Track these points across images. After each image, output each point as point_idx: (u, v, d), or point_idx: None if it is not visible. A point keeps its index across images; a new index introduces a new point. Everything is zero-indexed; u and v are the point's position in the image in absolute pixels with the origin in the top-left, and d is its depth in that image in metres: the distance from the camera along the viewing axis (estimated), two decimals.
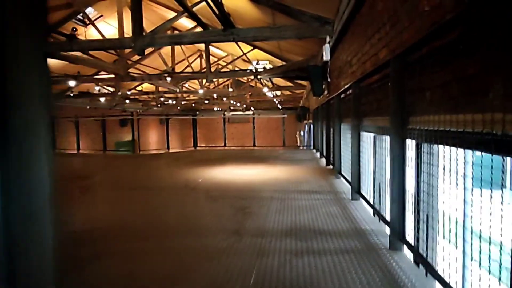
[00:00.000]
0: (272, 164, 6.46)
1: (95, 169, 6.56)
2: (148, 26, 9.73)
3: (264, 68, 8.19)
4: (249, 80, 11.11)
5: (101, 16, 9.21)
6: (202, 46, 9.28)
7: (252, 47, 7.97)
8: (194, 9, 4.92)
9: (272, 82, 11.15)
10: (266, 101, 16.60)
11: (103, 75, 9.17)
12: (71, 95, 12.23)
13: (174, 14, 6.92)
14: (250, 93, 13.04)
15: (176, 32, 8.90)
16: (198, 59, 11.79)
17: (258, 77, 8.29)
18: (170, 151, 9.07)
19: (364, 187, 3.48)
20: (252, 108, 20.81)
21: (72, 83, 8.72)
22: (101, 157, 8.43)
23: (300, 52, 6.94)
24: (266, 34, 4.28)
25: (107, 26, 9.20)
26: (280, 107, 20.63)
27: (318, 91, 5.28)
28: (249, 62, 9.35)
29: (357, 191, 3.54)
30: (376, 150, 2.87)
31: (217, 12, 3.93)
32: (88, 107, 15.16)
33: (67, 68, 9.14)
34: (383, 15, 2.49)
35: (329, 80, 4.74)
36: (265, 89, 10.77)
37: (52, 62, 8.63)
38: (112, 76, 8.62)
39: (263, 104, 19.64)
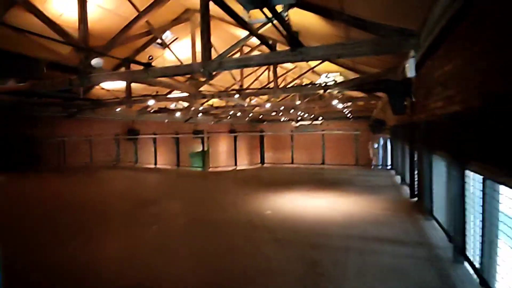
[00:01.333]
0: (345, 192, 5.64)
1: (165, 191, 6.63)
2: (218, 42, 10.09)
3: (335, 81, 7.68)
4: (317, 92, 10.64)
5: (176, 38, 9.86)
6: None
7: (321, 60, 7.57)
8: (260, 31, 4.81)
9: (343, 94, 10.52)
10: (336, 111, 15.87)
11: (177, 94, 9.74)
12: (151, 111, 13.42)
13: (243, 30, 6.95)
14: (318, 106, 12.63)
15: (243, 48, 9.03)
16: (266, 71, 11.85)
17: (328, 91, 7.84)
18: (238, 167, 8.96)
19: (470, 244, 2.63)
20: (321, 118, 20.18)
21: (151, 102, 9.46)
22: (174, 174, 8.75)
23: (376, 64, 6.30)
24: (338, 52, 3.88)
25: (182, 45, 9.82)
26: (350, 117, 19.59)
27: (399, 109, 4.63)
28: (318, 74, 8.94)
29: (460, 251, 2.66)
30: (486, 199, 2.22)
31: (284, 33, 3.70)
32: (166, 120, 16.55)
33: (147, 88, 10.00)
34: (496, 33, 1.92)
35: (413, 99, 4.09)
36: (335, 101, 10.21)
37: (134, 85, 9.54)
38: (185, 94, 9.09)
39: (332, 114, 18.89)
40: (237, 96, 8.79)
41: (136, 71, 5.17)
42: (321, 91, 8.09)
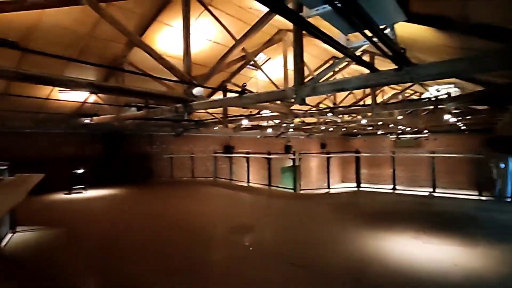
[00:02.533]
0: (469, 240, 4.22)
1: (258, 216, 6.42)
2: (309, 58, 9.86)
3: (448, 94, 6.52)
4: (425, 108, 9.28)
5: (269, 58, 10.08)
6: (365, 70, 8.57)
7: (435, 79, 6.53)
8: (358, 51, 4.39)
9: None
10: (447, 124, 13.69)
11: (269, 112, 9.89)
12: (244, 126, 14.03)
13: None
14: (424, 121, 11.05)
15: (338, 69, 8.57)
16: None
17: (439, 107, 6.70)
18: (331, 190, 8.39)
19: None
20: (426, 131, 17.81)
21: (245, 122, 9.85)
22: (266, 195, 8.69)
23: (504, 73, 5.08)
24: (458, 69, 3.17)
25: (275, 64, 10.00)
26: (465, 130, 16.63)
27: None
28: (426, 86, 7.81)
29: None
30: None
31: (389, 53, 3.23)
32: (258, 136, 17.13)
33: (242, 109, 10.49)
34: None
35: None
36: (447, 116, 8.73)
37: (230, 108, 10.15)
38: (277, 114, 9.14)
39: (441, 127, 16.41)
40: (330, 114, 8.37)
41: (231, 98, 5.36)
42: (431, 107, 6.99)
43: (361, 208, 6.67)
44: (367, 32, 2.68)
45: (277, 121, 13.47)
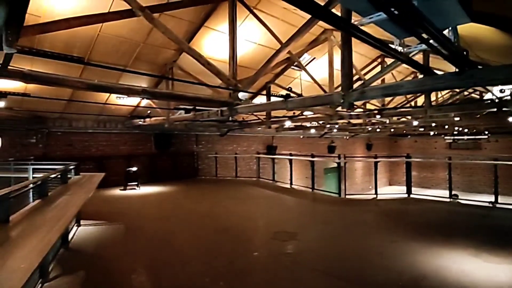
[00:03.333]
0: None
1: (302, 222, 6.18)
2: (358, 59, 9.49)
3: None
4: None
5: (314, 58, 9.90)
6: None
7: (502, 84, 5.90)
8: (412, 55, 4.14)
9: None
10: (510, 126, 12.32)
11: (312, 115, 9.73)
12: (287, 126, 13.95)
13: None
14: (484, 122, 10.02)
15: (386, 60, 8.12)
16: None
17: (504, 109, 6.03)
18: (378, 196, 8.01)
19: None
20: (487, 132, 16.26)
21: (288, 123, 9.80)
22: (310, 199, 8.50)
23: None
24: None
25: (320, 64, 9.81)
26: None
27: None
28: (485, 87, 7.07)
29: None
30: None
31: (449, 56, 2.99)
32: (301, 136, 16.93)
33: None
34: None
35: None
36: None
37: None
38: (321, 115, 8.96)
39: (502, 128, 14.84)
40: (378, 117, 7.98)
41: (275, 103, 5.36)
42: (494, 109, 6.33)
43: (412, 218, 6.22)
44: (424, 35, 2.51)
45: (321, 122, 13.21)
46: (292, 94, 10.19)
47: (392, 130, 16.08)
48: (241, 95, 5.99)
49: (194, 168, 13.07)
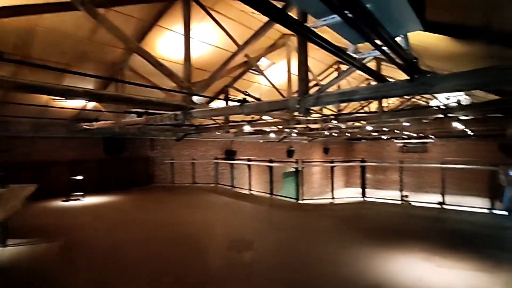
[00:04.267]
0: (489, 264, 3.84)
1: (259, 230, 5.95)
2: (315, 65, 9.62)
3: (458, 102, 6.25)
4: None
5: (273, 63, 9.87)
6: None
7: (453, 91, 6.24)
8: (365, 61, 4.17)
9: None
10: (455, 130, 13.39)
11: (271, 119, 9.66)
12: (246, 131, 13.80)
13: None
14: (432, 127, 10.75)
15: (341, 67, 8.31)
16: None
17: (449, 115, 6.42)
18: (335, 200, 8.11)
19: None
20: (433, 137, 17.53)
21: (246, 127, 9.62)
22: (267, 205, 8.38)
23: None
24: (481, 81, 2.90)
25: (278, 68, 9.79)
26: (473, 136, 16.36)
27: None
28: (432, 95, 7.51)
29: None
30: None
31: (401, 63, 3.00)
32: (260, 141, 16.90)
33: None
34: None
35: None
36: (456, 124, 8.44)
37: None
38: (279, 120, 8.91)
39: (448, 132, 16.12)
40: (334, 122, 8.11)
41: (232, 107, 5.14)
42: (441, 115, 6.71)
43: (366, 222, 6.34)
44: (377, 41, 2.45)
45: (280, 126, 13.27)
46: (249, 99, 10.06)
47: (348, 134, 16.68)
48: (196, 98, 5.68)
49: (149, 174, 12.36)
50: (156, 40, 7.14)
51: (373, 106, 11.43)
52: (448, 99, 6.42)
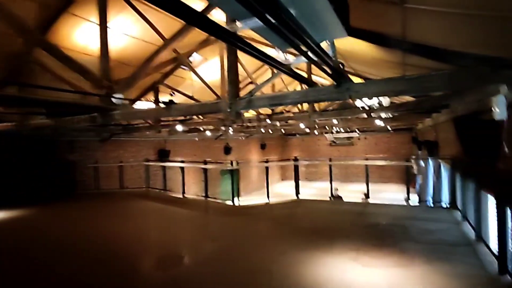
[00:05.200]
0: (404, 257, 4.21)
1: (188, 240, 5.62)
2: (248, 62, 9.48)
3: (380, 104, 6.71)
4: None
5: (206, 60, 9.47)
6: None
7: (364, 80, 6.67)
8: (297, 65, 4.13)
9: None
10: (376, 126, 14.73)
11: (205, 120, 9.33)
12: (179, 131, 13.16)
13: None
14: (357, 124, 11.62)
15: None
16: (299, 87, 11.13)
17: (372, 115, 6.89)
18: (271, 200, 8.14)
19: None
20: (358, 131, 19.14)
21: (179, 127, 9.08)
22: (201, 210, 8.04)
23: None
24: (399, 88, 3.04)
25: (211, 65, 9.43)
26: (391, 130, 18.45)
27: (475, 154, 3.66)
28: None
29: None
30: None
31: (328, 71, 2.97)
32: (196, 139, 16.32)
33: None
34: None
35: (506, 150, 3.10)
36: (378, 121, 9.19)
37: None
38: (213, 120, 8.63)
39: (370, 127, 17.78)
40: (268, 121, 8.13)
41: (159, 109, 4.69)
42: (364, 115, 7.16)
43: (300, 222, 6.41)
44: (303, 47, 2.33)
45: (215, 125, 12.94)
46: (180, 98, 9.52)
47: (283, 131, 17.15)
48: (116, 100, 5.05)
49: (70, 181, 10.90)
50: (69, 30, 6.20)
51: (306, 105, 11.85)
52: (371, 99, 6.85)
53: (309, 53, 2.45)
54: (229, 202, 8.18)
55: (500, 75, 2.72)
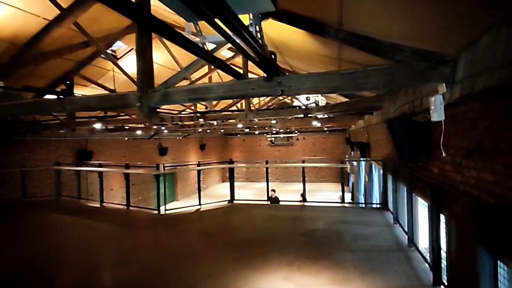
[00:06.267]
0: (340, 269, 3.97)
1: (96, 264, 4.72)
2: (182, 55, 8.64)
3: (316, 104, 6.52)
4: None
5: (132, 49, 8.38)
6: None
7: (309, 93, 6.38)
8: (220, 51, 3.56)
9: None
10: (313, 127, 15.00)
11: (129, 117, 8.24)
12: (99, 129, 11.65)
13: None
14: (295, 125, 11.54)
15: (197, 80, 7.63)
16: None
17: (309, 115, 6.68)
18: (203, 206, 7.45)
19: None
20: (296, 132, 19.42)
21: (97, 125, 7.83)
22: (120, 222, 6.94)
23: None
24: (334, 84, 2.67)
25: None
26: (327, 130, 19.21)
27: (408, 157, 3.52)
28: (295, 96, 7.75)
29: None
30: None
31: (256, 59, 2.44)
32: (126, 138, 14.75)
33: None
34: None
35: (443, 154, 2.93)
36: (315, 122, 9.15)
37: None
38: (137, 117, 7.62)
39: (308, 128, 18.18)
40: (201, 120, 7.43)
41: (47, 102, 3.68)
42: (301, 115, 6.92)
43: (233, 233, 5.79)
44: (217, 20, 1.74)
45: (146, 123, 11.71)
46: (98, 91, 8.25)
47: (222, 130, 16.50)
48: None
49: None
50: None
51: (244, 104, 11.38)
52: (308, 99, 6.63)
53: (227, 30, 1.87)
54: (155, 211, 7.22)
55: (438, 72, 2.47)
